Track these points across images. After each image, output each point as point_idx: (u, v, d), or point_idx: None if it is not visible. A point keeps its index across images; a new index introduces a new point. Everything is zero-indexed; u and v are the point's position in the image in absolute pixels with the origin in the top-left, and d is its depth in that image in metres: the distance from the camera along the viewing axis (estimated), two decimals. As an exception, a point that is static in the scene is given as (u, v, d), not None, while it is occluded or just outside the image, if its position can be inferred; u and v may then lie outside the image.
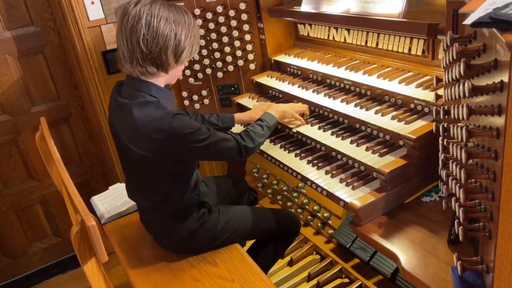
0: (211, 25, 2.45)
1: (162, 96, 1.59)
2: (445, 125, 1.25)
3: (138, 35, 1.50)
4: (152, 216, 1.84)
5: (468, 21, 0.95)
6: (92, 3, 2.40)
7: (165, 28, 1.51)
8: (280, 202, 2.49)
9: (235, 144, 1.71)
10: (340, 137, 1.84)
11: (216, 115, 2.11)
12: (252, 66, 2.54)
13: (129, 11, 1.52)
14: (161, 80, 1.63)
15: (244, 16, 2.42)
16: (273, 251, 2.08)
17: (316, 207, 2.28)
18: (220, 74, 2.56)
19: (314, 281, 2.20)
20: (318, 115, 2.07)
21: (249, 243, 2.19)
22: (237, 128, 2.23)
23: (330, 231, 2.26)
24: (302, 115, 2.05)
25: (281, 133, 2.13)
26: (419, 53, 1.85)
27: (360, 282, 2.09)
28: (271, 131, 1.90)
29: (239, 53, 2.50)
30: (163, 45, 1.52)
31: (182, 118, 1.55)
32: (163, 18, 1.51)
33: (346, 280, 2.18)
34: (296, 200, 2.40)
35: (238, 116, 2.15)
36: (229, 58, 2.51)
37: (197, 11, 2.44)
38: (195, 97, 2.66)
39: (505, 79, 0.87)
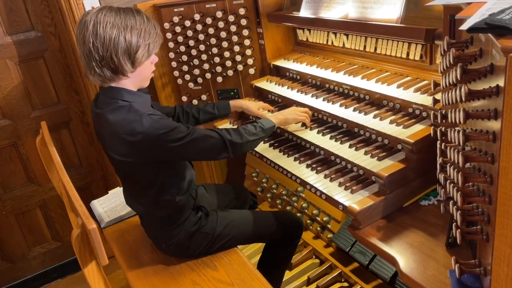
0: (211, 30, 2.46)
1: (135, 100, 1.59)
2: (442, 129, 1.26)
3: (88, 44, 1.51)
4: (149, 221, 1.85)
5: (464, 26, 0.97)
6: (93, 8, 2.42)
7: (112, 32, 1.51)
8: (280, 206, 2.49)
9: (219, 140, 1.67)
10: (339, 141, 1.85)
11: (212, 104, 2.13)
12: (251, 71, 2.55)
13: (81, 23, 1.54)
14: (128, 83, 1.62)
15: (243, 21, 2.43)
16: (279, 263, 2.07)
17: (315, 211, 2.29)
18: (219, 79, 2.58)
19: (313, 285, 2.20)
20: (317, 119, 2.08)
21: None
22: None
23: (329, 235, 2.27)
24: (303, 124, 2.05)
25: (281, 137, 2.14)
26: (417, 58, 1.87)
27: (360, 286, 2.09)
28: (266, 135, 1.88)
29: (238, 58, 2.51)
30: (113, 49, 1.51)
31: (156, 119, 1.54)
32: (109, 23, 1.51)
33: (346, 284, 2.19)
34: (296, 204, 2.40)
35: (233, 102, 2.17)
36: (228, 63, 2.52)
37: (197, 16, 2.45)
38: (195, 102, 2.67)
39: (501, 83, 0.87)
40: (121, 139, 1.55)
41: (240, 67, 2.53)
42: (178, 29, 2.49)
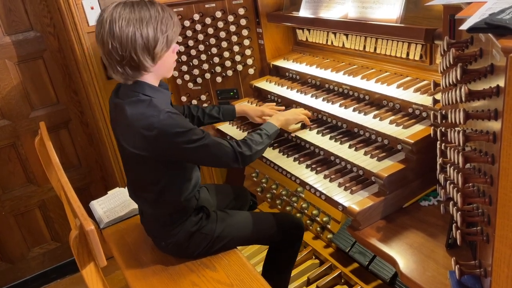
0: (210, 30, 2.46)
1: (156, 95, 1.59)
2: (442, 130, 1.26)
3: (107, 45, 1.50)
4: (150, 217, 1.85)
5: (464, 26, 0.96)
6: (92, 8, 2.41)
7: (128, 30, 1.48)
8: (279, 207, 2.49)
9: (231, 150, 1.69)
10: (339, 142, 1.85)
11: (218, 108, 2.12)
12: (251, 71, 2.54)
13: (99, 21, 1.53)
14: (151, 78, 1.62)
15: (243, 21, 2.43)
16: (282, 266, 2.06)
17: (315, 212, 2.28)
18: (219, 79, 2.57)
19: (313, 286, 2.20)
20: (316, 119, 2.08)
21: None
22: (234, 131, 2.25)
23: (329, 236, 2.26)
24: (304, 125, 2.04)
25: (280, 138, 2.13)
26: (417, 58, 1.86)
27: (360, 287, 2.09)
28: (272, 139, 1.88)
29: (238, 58, 2.51)
30: (131, 47, 1.50)
31: (174, 117, 1.54)
32: (124, 20, 1.48)
33: (345, 285, 2.18)
34: (295, 204, 2.40)
35: (238, 107, 2.16)
36: (228, 63, 2.52)
37: (196, 16, 2.45)
38: (194, 102, 2.66)
39: (501, 83, 0.87)
40: (137, 132, 1.55)
41: (239, 67, 2.53)
42: (177, 29, 2.48)
